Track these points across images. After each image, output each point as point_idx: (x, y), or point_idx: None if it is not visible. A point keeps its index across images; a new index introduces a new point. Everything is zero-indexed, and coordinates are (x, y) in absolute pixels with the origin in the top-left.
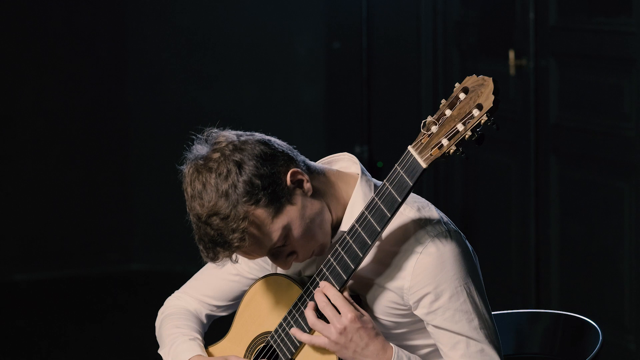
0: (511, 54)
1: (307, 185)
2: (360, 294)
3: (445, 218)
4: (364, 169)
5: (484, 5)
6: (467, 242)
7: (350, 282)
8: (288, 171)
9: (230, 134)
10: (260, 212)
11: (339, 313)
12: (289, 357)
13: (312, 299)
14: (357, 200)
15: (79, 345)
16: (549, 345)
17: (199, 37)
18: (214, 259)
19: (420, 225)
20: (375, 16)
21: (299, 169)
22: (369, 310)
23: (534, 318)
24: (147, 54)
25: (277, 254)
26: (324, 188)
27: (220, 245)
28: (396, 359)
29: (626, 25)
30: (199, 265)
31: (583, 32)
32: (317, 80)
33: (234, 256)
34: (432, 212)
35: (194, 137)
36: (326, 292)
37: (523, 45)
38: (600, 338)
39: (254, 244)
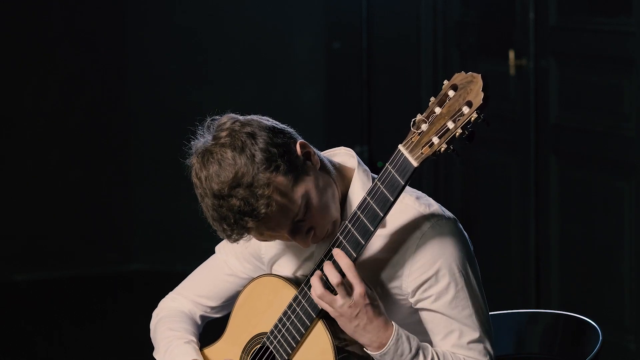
0: (511, 54)
1: (315, 158)
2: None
3: (442, 207)
4: (360, 160)
5: (484, 5)
6: (463, 230)
7: None
8: (296, 143)
9: (231, 115)
10: (281, 180)
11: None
12: (286, 357)
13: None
14: (355, 189)
15: (79, 345)
16: (549, 345)
17: (199, 37)
18: (242, 232)
19: (419, 212)
20: (375, 16)
21: (305, 142)
22: None
23: (534, 318)
24: (147, 54)
25: (298, 229)
26: (328, 168)
27: (249, 215)
28: (395, 337)
29: (626, 25)
30: (199, 265)
31: (583, 32)
32: (317, 80)
33: (250, 244)
34: (430, 200)
35: (193, 129)
36: (339, 261)
37: (523, 45)
38: (600, 338)
39: (279, 212)
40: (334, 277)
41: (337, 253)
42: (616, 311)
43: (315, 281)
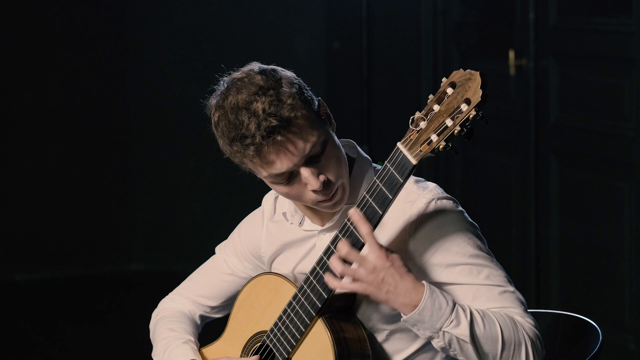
0: (511, 54)
1: (332, 123)
2: None
3: (439, 188)
4: (361, 151)
5: (484, 5)
6: (461, 208)
7: None
8: (318, 98)
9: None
10: (303, 105)
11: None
12: (286, 356)
13: (316, 289)
14: (357, 177)
15: (79, 345)
16: (549, 345)
17: (199, 37)
18: (266, 136)
19: (417, 193)
20: (375, 16)
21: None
22: None
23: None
24: (147, 54)
25: (312, 163)
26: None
27: (273, 115)
28: (429, 291)
29: (626, 25)
30: (199, 265)
31: (583, 32)
32: (317, 80)
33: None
34: (428, 183)
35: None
36: (358, 227)
37: (523, 45)
38: (600, 338)
39: (299, 129)
40: (343, 247)
41: (358, 220)
42: (616, 311)
43: (334, 261)
